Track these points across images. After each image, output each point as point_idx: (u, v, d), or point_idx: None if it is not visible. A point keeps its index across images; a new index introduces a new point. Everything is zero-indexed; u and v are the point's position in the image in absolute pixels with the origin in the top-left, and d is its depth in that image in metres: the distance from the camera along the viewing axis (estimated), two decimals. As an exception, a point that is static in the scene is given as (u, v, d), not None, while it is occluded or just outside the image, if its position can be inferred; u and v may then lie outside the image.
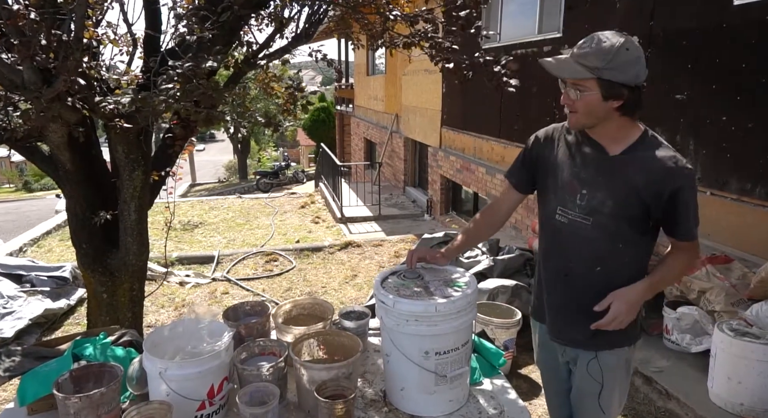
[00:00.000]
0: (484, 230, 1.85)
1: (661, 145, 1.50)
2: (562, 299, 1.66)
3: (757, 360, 2.53)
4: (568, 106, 1.50)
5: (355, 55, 15.24)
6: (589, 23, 4.71)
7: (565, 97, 1.50)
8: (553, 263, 1.67)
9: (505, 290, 3.69)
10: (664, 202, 1.46)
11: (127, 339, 1.69)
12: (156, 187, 2.80)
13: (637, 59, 1.41)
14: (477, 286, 1.64)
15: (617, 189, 1.50)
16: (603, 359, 1.63)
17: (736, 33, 3.38)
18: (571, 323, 1.65)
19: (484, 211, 1.86)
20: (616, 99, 1.43)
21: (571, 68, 1.44)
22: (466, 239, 1.84)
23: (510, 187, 1.80)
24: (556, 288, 1.67)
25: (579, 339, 1.64)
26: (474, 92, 7.17)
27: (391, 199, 10.43)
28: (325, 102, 24.01)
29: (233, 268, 5.62)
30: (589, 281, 1.59)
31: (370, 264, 5.70)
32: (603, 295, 1.55)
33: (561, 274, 1.64)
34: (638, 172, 1.47)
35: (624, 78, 1.40)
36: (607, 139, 1.54)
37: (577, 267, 1.60)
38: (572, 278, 1.62)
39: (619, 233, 1.53)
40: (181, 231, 8.34)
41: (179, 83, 1.64)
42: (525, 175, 1.75)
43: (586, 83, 1.43)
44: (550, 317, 1.72)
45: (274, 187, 19.42)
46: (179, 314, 4.19)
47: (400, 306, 1.52)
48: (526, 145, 1.77)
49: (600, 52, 1.39)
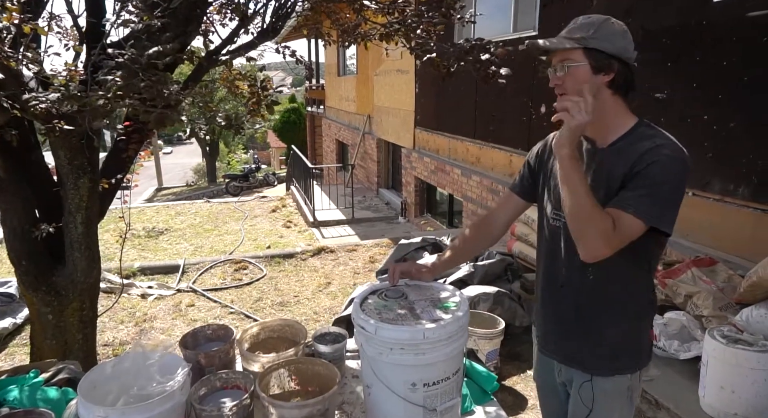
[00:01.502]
0: (476, 243, 1.68)
1: (654, 134, 1.33)
2: (557, 309, 1.51)
3: (750, 368, 2.43)
4: (558, 87, 1.38)
5: (326, 55, 15.00)
6: (565, 21, 4.59)
7: (552, 77, 1.39)
8: (548, 271, 1.53)
9: (486, 297, 3.54)
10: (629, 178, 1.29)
11: (64, 377, 1.44)
12: (107, 196, 2.54)
13: (624, 33, 1.35)
14: (468, 306, 1.46)
15: (598, 186, 1.35)
16: (598, 384, 1.47)
17: (716, 30, 3.31)
18: (566, 336, 1.51)
19: (477, 222, 1.69)
20: (606, 72, 1.33)
21: (557, 41, 1.37)
22: (455, 253, 1.66)
23: (512, 195, 1.64)
24: (551, 298, 1.53)
25: (574, 356, 1.49)
26: (448, 92, 7.04)
27: (365, 201, 10.23)
28: (296, 103, 23.68)
29: (200, 277, 5.33)
30: (583, 291, 1.44)
31: (344, 270, 5.49)
32: (598, 306, 1.42)
33: (556, 283, 1.49)
34: (618, 163, 1.33)
35: (612, 49, 1.32)
36: (600, 130, 1.40)
37: (571, 275, 1.45)
38: (567, 288, 1.47)
39: None
40: (145, 238, 7.97)
41: (121, 77, 1.42)
42: (529, 181, 1.62)
43: (573, 55, 1.34)
44: (544, 328, 1.58)
45: (244, 190, 18.99)
46: (140, 330, 3.90)
47: (384, 333, 1.33)
48: (530, 154, 1.64)
49: (585, 24, 1.35)
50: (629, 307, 1.44)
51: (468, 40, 2.21)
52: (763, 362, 2.42)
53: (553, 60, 1.39)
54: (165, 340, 1.48)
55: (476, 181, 6.38)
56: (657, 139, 1.31)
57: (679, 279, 3.11)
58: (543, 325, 1.58)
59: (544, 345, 1.58)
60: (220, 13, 3.32)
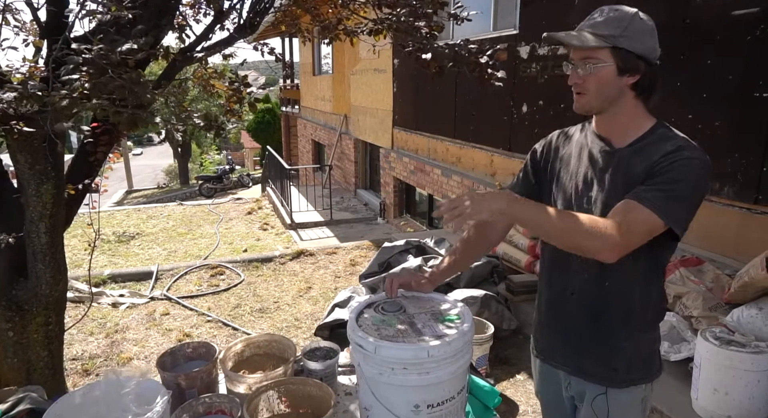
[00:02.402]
0: (476, 249, 1.58)
1: (675, 136, 1.28)
2: (569, 321, 1.42)
3: (744, 370, 2.40)
4: (577, 86, 1.30)
5: (301, 54, 14.79)
6: (547, 19, 4.58)
7: (573, 76, 1.30)
8: (557, 281, 1.44)
9: (474, 300, 3.46)
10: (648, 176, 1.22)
11: (26, 407, 1.29)
12: (74, 203, 2.35)
13: (653, 31, 1.27)
14: (472, 318, 1.36)
15: (617, 187, 1.28)
16: (613, 397, 1.40)
17: (700, 29, 3.30)
18: (577, 348, 1.42)
19: (474, 229, 1.59)
20: (632, 74, 1.25)
21: (581, 37, 1.26)
22: (454, 261, 1.56)
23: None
24: (562, 309, 1.44)
25: (588, 369, 1.40)
26: (427, 91, 6.97)
27: (343, 202, 10.09)
28: (270, 103, 23.34)
29: (174, 284, 5.12)
30: (599, 299, 1.36)
31: (324, 274, 5.36)
32: (615, 315, 1.35)
33: (567, 292, 1.41)
34: (638, 163, 1.27)
35: (642, 48, 1.24)
36: (616, 131, 1.34)
37: (585, 284, 1.37)
38: (580, 296, 1.39)
39: None
40: (115, 243, 7.67)
41: (88, 74, 1.27)
42: (530, 182, 1.52)
43: (599, 54, 1.25)
44: (551, 339, 1.49)
45: (218, 192, 18.62)
46: (111, 342, 3.70)
47: (384, 351, 1.22)
48: (532, 152, 1.54)
49: (613, 19, 1.25)
50: (645, 316, 1.37)
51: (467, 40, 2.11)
52: (757, 364, 2.39)
53: (574, 56, 1.29)
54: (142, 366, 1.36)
55: (457, 182, 6.32)
56: (677, 141, 1.26)
57: (668, 280, 3.08)
58: (549, 336, 1.49)
59: (551, 357, 1.49)
60: (193, 8, 3.16)
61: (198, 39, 2.90)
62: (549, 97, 4.63)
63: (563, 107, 4.36)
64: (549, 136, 1.52)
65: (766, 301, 2.63)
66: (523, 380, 3.26)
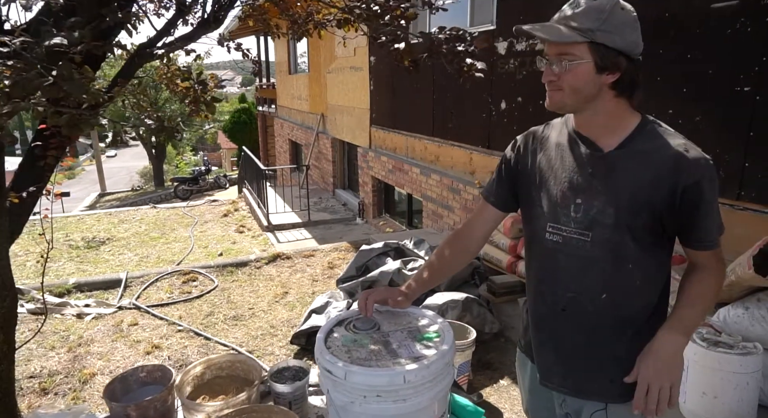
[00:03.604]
0: (453, 260, 1.46)
1: (666, 132, 1.21)
2: (562, 337, 1.31)
3: (733, 373, 2.34)
4: (551, 83, 1.20)
5: (276, 53, 14.55)
6: (525, 14, 4.49)
7: (547, 72, 1.19)
8: (547, 295, 1.32)
9: (455, 304, 3.35)
10: (678, 200, 1.16)
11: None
12: (22, 212, 2.17)
13: (635, 22, 1.16)
14: (453, 335, 1.24)
15: (618, 193, 1.19)
16: (613, 411, 1.29)
17: (679, 22, 3.24)
18: (574, 367, 1.31)
19: (452, 237, 1.47)
20: (612, 71, 1.15)
21: (556, 31, 1.14)
22: (432, 273, 1.44)
23: (486, 206, 1.43)
24: (553, 325, 1.32)
25: (586, 387, 1.29)
26: (404, 89, 6.85)
27: (321, 203, 9.92)
28: (246, 103, 22.98)
29: (144, 292, 4.91)
30: (594, 313, 1.25)
31: (302, 278, 5.20)
32: (613, 330, 1.24)
33: (558, 307, 1.29)
34: (642, 168, 1.18)
35: (622, 44, 1.13)
36: (598, 131, 1.24)
37: (578, 297, 1.26)
38: (573, 311, 1.27)
39: (624, 249, 1.21)
40: (84, 249, 7.39)
41: (10, 70, 1.11)
42: (505, 189, 1.41)
43: (575, 50, 1.14)
44: (545, 359, 1.36)
45: (194, 194, 18.24)
46: (74, 356, 3.49)
47: (355, 378, 1.09)
48: (504, 155, 1.43)
49: (591, 10, 1.13)
50: (644, 324, 1.26)
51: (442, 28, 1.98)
52: (746, 366, 2.33)
53: (548, 51, 1.18)
54: (77, 407, 1.20)
55: (436, 180, 6.22)
56: (675, 138, 1.18)
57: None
58: (540, 355, 1.37)
59: (546, 378, 1.36)
60: (154, 1, 2.99)
61: (159, 34, 2.73)
62: (528, 94, 4.55)
63: (542, 104, 4.27)
64: (520, 140, 1.40)
65: (752, 300, 2.57)
66: (507, 385, 3.17)
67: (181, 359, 3.54)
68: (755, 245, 2.46)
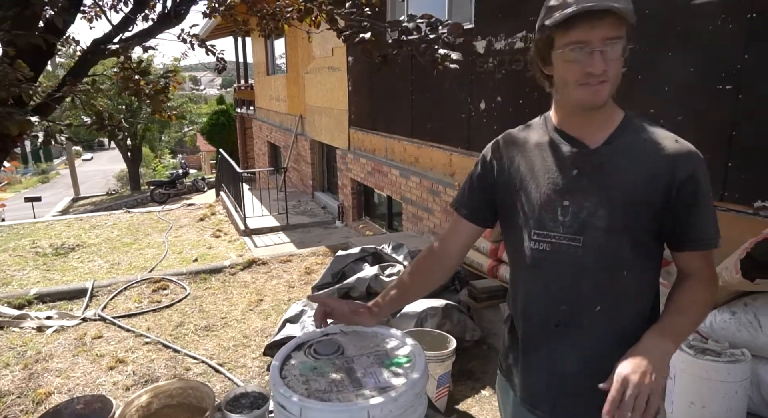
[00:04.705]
0: (428, 278, 1.32)
1: (652, 126, 1.13)
2: (554, 358, 1.18)
3: (721, 381, 2.25)
4: (595, 75, 1.03)
5: (254, 54, 14.31)
6: (503, 13, 4.40)
7: (597, 62, 1.02)
8: (535, 310, 1.19)
9: (434, 312, 3.23)
10: (675, 196, 1.07)
11: None
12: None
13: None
14: (425, 359, 1.11)
15: (610, 192, 1.09)
16: None
17: (660, 18, 3.17)
18: (566, 392, 1.17)
19: (425, 254, 1.34)
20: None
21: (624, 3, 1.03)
22: (403, 291, 1.30)
23: (460, 220, 1.30)
24: (544, 344, 1.19)
25: (580, 414, 1.16)
26: (382, 89, 6.73)
27: (300, 206, 9.74)
28: (225, 104, 22.64)
29: (112, 302, 4.69)
30: (589, 327, 1.14)
31: (278, 285, 5.03)
32: (609, 346, 1.12)
33: (550, 324, 1.16)
34: (634, 164, 1.08)
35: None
36: (586, 127, 1.13)
37: (572, 311, 1.14)
38: (567, 327, 1.15)
39: (619, 255, 1.10)
40: (51, 257, 7.10)
41: None
42: (480, 200, 1.28)
43: (623, 31, 1.03)
44: (533, 384, 1.22)
45: (172, 197, 17.87)
46: (30, 374, 3.27)
47: (312, 414, 0.95)
48: (477, 162, 1.30)
49: None
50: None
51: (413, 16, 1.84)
52: (734, 374, 2.24)
53: (591, 36, 1.01)
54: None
55: (416, 182, 6.10)
56: (663, 131, 1.11)
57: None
58: (528, 378, 1.23)
59: (534, 405, 1.22)
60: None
61: (115, 30, 2.56)
62: (507, 93, 4.45)
63: (522, 103, 4.19)
64: (494, 144, 1.27)
65: (738, 305, 2.49)
66: (489, 395, 3.05)
67: (147, 374, 3.36)
68: (742, 249, 2.38)
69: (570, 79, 1.06)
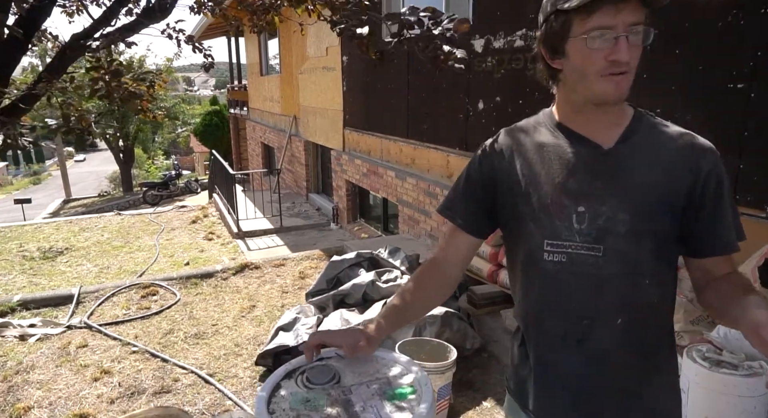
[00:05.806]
0: (427, 296, 1.20)
1: (664, 123, 1.06)
2: (577, 377, 1.06)
3: (739, 396, 2.13)
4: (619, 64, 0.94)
5: (248, 54, 14.17)
6: (502, 10, 4.28)
7: (622, 49, 0.93)
8: (552, 325, 1.07)
9: (433, 320, 3.10)
10: (699, 196, 1.00)
11: None
12: None
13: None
14: (432, 390, 0.98)
15: (630, 194, 1.00)
16: None
17: (668, 15, 3.06)
18: (593, 411, 1.07)
19: (423, 270, 1.21)
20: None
21: None
22: (404, 310, 1.17)
23: (456, 231, 1.17)
24: (566, 360, 1.07)
25: None
26: (378, 89, 6.60)
27: (294, 208, 9.60)
28: (218, 105, 22.47)
29: (99, 308, 4.53)
30: (611, 342, 1.03)
31: (271, 290, 4.89)
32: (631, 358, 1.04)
33: (572, 339, 1.05)
34: (652, 163, 1.00)
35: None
36: (601, 125, 1.04)
37: (591, 325, 1.03)
38: (590, 342, 1.04)
39: (643, 261, 1.01)
40: (39, 261, 6.93)
41: None
42: (476, 208, 1.15)
43: (643, 16, 0.96)
44: (554, 407, 1.10)
45: (164, 199, 17.66)
46: (9, 387, 3.11)
47: (302, 460, 0.82)
48: (471, 164, 1.18)
49: None
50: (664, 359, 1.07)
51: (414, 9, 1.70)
52: (753, 389, 2.13)
53: (619, 20, 0.92)
54: None
55: (412, 184, 5.97)
56: (676, 128, 1.05)
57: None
58: (545, 399, 1.11)
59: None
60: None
61: (96, 24, 2.42)
62: (506, 93, 4.34)
63: (522, 103, 4.07)
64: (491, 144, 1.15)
65: (753, 313, 2.38)
66: (491, 407, 2.92)
67: (134, 386, 3.21)
68: (759, 255, 2.27)
69: (590, 69, 0.96)
